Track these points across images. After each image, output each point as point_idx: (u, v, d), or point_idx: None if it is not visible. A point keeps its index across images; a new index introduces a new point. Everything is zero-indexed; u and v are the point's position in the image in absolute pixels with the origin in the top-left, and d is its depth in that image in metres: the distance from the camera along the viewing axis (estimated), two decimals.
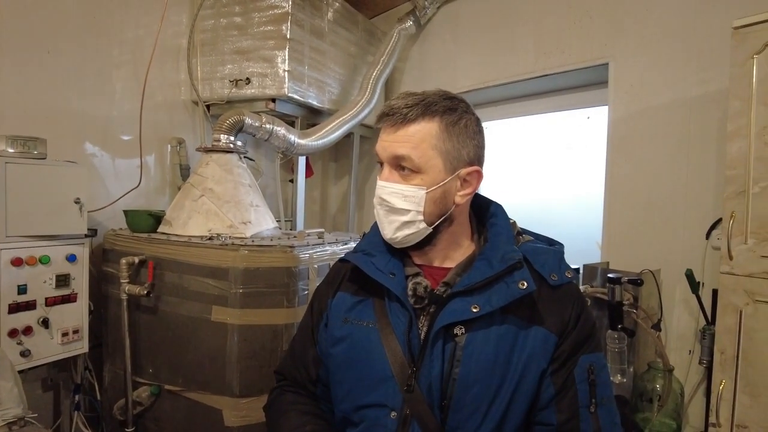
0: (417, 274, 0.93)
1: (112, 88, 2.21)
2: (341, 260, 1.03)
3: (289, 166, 2.87)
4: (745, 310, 1.25)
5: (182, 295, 1.70)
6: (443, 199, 0.89)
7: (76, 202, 1.70)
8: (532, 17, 2.36)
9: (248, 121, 2.08)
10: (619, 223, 2.04)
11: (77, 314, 1.77)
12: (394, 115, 0.87)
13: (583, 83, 2.33)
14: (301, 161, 2.66)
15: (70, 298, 1.74)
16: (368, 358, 0.90)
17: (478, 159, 0.93)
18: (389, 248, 0.96)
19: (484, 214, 1.01)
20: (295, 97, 2.34)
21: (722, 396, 1.28)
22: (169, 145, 2.44)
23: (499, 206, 1.02)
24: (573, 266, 1.79)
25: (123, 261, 1.73)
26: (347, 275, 1.01)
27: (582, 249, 2.30)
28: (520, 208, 2.67)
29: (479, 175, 0.93)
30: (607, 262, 1.99)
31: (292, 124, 2.48)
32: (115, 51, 2.21)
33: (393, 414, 0.86)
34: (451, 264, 0.95)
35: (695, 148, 1.81)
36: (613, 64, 2.06)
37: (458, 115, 0.89)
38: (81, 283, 1.78)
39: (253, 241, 1.77)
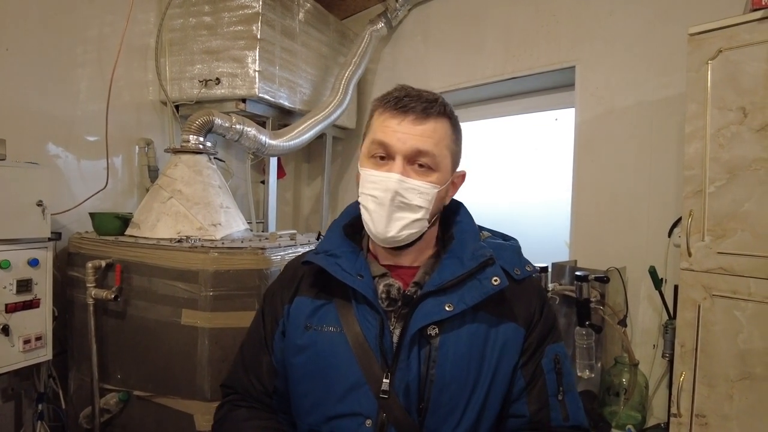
0: (384, 275, 0.91)
1: (76, 88, 2.15)
2: (303, 263, 0.95)
3: (261, 167, 2.84)
4: (703, 304, 1.30)
5: (151, 299, 1.67)
6: (442, 199, 0.91)
7: (38, 205, 1.64)
8: (501, 20, 2.40)
9: (218, 121, 2.06)
10: (586, 223, 2.09)
11: (40, 320, 1.71)
12: (413, 107, 0.84)
13: (550, 86, 2.39)
14: (273, 162, 2.64)
15: (32, 304, 1.68)
16: (336, 365, 0.86)
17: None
18: (354, 248, 0.94)
19: (447, 211, 1.01)
20: (266, 97, 2.32)
21: (682, 387, 1.33)
22: (136, 146, 2.39)
23: (461, 204, 1.02)
24: (542, 265, 1.86)
25: (89, 265, 1.68)
26: (306, 278, 0.96)
27: (550, 248, 2.35)
28: (490, 208, 2.72)
29: (463, 179, 0.96)
30: (575, 261, 2.04)
31: (263, 124, 2.46)
32: (78, 49, 2.15)
33: (368, 422, 0.83)
34: (417, 263, 0.94)
35: (657, 149, 1.88)
36: (579, 67, 2.11)
37: (456, 119, 0.92)
38: (44, 288, 1.72)
39: (223, 243, 1.75)
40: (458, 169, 0.94)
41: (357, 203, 0.96)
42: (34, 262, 1.67)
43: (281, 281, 1.01)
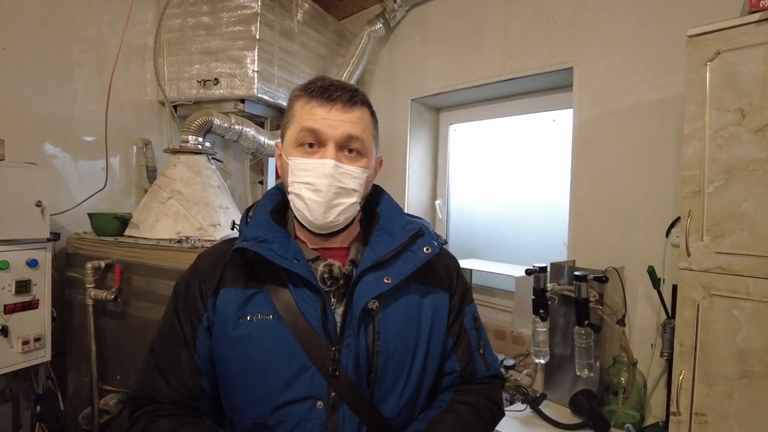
0: (317, 258, 0.92)
1: (73, 88, 2.15)
2: (235, 250, 0.88)
3: (259, 168, 2.84)
4: (702, 303, 1.31)
5: (151, 300, 1.67)
6: (370, 182, 0.96)
7: (37, 205, 1.64)
8: (499, 21, 2.41)
9: (217, 121, 2.06)
10: (584, 223, 2.10)
11: (39, 321, 1.71)
12: (340, 96, 0.87)
13: (548, 86, 2.40)
14: (271, 162, 2.64)
15: (31, 305, 1.68)
16: (277, 353, 0.84)
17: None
18: (285, 233, 0.92)
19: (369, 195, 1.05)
20: (265, 97, 2.32)
21: (682, 386, 1.34)
22: (134, 147, 2.38)
23: (378, 186, 1.05)
24: (541, 264, 1.86)
25: (89, 265, 1.68)
26: (229, 268, 0.90)
27: (549, 248, 2.36)
28: (488, 209, 2.73)
29: (381, 164, 1.02)
30: (573, 261, 2.05)
31: (261, 125, 2.47)
32: (76, 49, 2.15)
33: (319, 404, 0.83)
34: (345, 244, 0.96)
35: (655, 150, 1.89)
36: (577, 68, 2.12)
37: (372, 108, 0.96)
38: (43, 289, 1.72)
39: None
40: (380, 155, 1.01)
41: (276, 189, 1.02)
42: (33, 263, 1.67)
43: (197, 274, 0.94)
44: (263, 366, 0.84)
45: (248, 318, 0.86)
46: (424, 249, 0.91)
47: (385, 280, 0.87)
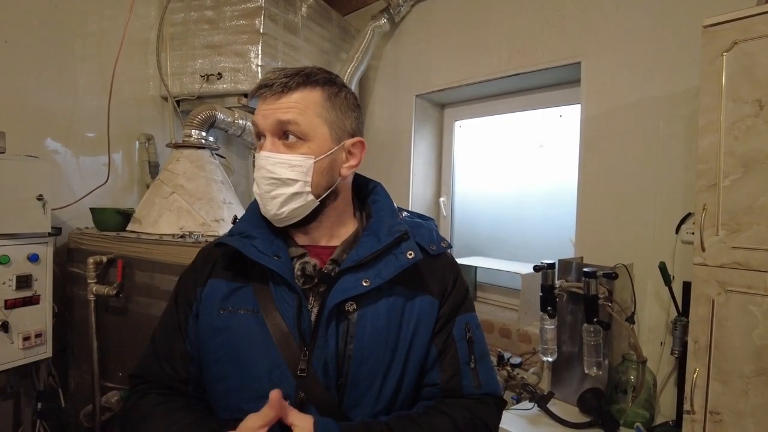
0: (303, 255, 0.90)
1: (75, 83, 2.12)
2: (216, 245, 0.92)
3: None
4: (717, 299, 1.28)
5: (153, 295, 1.64)
6: (330, 170, 0.88)
7: (38, 199, 1.62)
8: (505, 16, 2.39)
9: (220, 116, 2.04)
10: (592, 219, 2.08)
11: (40, 317, 1.68)
12: (273, 86, 0.84)
13: (555, 82, 2.37)
14: None
15: (32, 300, 1.65)
16: (252, 347, 0.84)
17: (360, 132, 0.94)
18: (272, 229, 0.92)
19: (365, 192, 1.02)
20: None
21: (696, 384, 1.31)
22: (137, 142, 2.36)
23: (379, 184, 1.02)
24: (549, 261, 1.84)
25: (90, 260, 1.66)
26: (220, 261, 0.93)
27: (556, 244, 2.34)
28: (495, 204, 2.71)
29: (363, 147, 0.93)
30: (581, 257, 2.03)
31: None
32: (78, 44, 2.13)
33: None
34: (336, 242, 0.93)
35: (664, 145, 1.87)
36: (585, 63, 2.09)
37: (338, 88, 0.90)
38: (44, 284, 1.69)
39: None
40: (356, 138, 0.92)
41: None
42: (34, 258, 1.65)
43: (194, 265, 0.97)
44: (238, 359, 0.85)
45: (230, 309, 0.87)
46: (408, 254, 0.87)
47: (363, 283, 0.84)
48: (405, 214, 1.01)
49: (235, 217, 1.01)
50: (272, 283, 0.86)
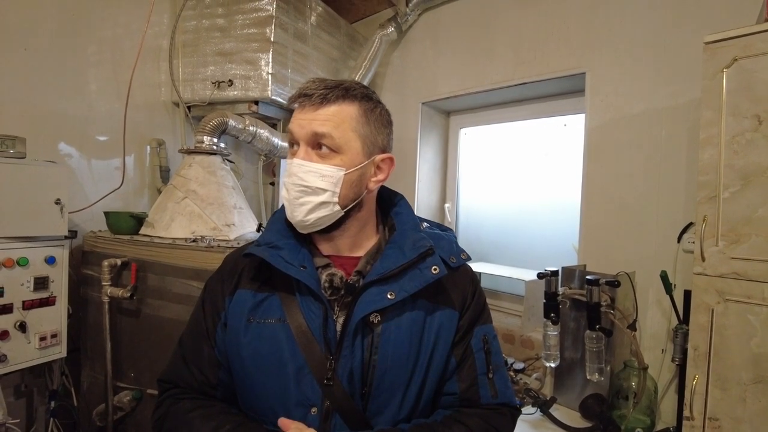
0: (327, 265, 0.92)
1: (89, 88, 2.17)
2: (244, 255, 0.94)
3: (270, 169, 2.86)
4: (716, 308, 1.32)
5: (166, 298, 1.68)
6: (359, 182, 0.90)
7: (56, 203, 1.66)
8: (510, 26, 2.43)
9: (232, 123, 2.08)
10: (595, 228, 2.11)
11: (56, 318, 1.73)
12: (312, 96, 0.87)
13: (560, 91, 2.41)
14: (283, 164, 2.65)
15: (48, 302, 1.70)
16: (281, 356, 0.87)
17: (390, 148, 0.97)
18: (297, 239, 0.94)
19: (388, 204, 1.04)
20: (278, 99, 2.34)
21: (695, 390, 1.34)
22: (148, 146, 2.41)
23: (402, 196, 1.05)
24: (552, 269, 1.87)
25: (105, 263, 1.70)
26: (246, 271, 0.95)
27: (557, 252, 2.37)
28: (498, 212, 2.74)
29: (392, 163, 0.96)
30: (584, 265, 2.06)
31: (274, 126, 2.48)
32: (92, 50, 2.18)
33: (313, 410, 0.85)
34: (359, 253, 0.96)
35: (667, 156, 1.90)
36: (589, 73, 2.13)
37: (374, 103, 0.92)
38: (60, 286, 1.74)
39: (238, 243, 1.76)
40: (386, 154, 0.95)
41: None
42: (51, 260, 1.70)
43: (221, 273, 0.99)
44: (267, 368, 0.88)
45: (257, 321, 0.90)
46: (432, 269, 0.89)
47: (388, 296, 0.86)
48: (425, 225, 1.03)
49: (260, 225, 1.03)
50: (298, 293, 0.89)
